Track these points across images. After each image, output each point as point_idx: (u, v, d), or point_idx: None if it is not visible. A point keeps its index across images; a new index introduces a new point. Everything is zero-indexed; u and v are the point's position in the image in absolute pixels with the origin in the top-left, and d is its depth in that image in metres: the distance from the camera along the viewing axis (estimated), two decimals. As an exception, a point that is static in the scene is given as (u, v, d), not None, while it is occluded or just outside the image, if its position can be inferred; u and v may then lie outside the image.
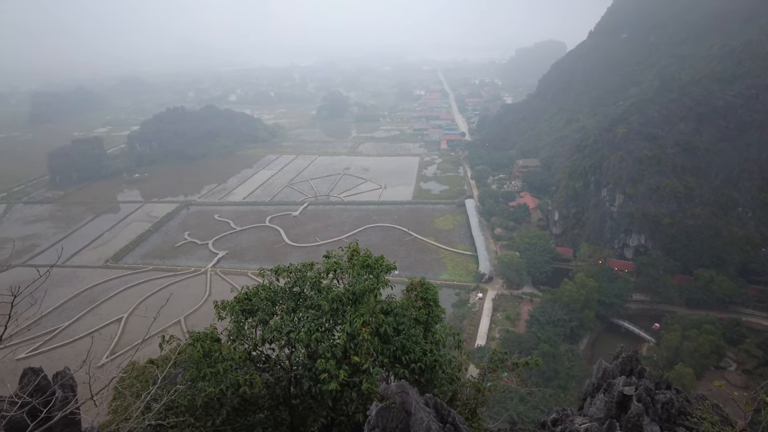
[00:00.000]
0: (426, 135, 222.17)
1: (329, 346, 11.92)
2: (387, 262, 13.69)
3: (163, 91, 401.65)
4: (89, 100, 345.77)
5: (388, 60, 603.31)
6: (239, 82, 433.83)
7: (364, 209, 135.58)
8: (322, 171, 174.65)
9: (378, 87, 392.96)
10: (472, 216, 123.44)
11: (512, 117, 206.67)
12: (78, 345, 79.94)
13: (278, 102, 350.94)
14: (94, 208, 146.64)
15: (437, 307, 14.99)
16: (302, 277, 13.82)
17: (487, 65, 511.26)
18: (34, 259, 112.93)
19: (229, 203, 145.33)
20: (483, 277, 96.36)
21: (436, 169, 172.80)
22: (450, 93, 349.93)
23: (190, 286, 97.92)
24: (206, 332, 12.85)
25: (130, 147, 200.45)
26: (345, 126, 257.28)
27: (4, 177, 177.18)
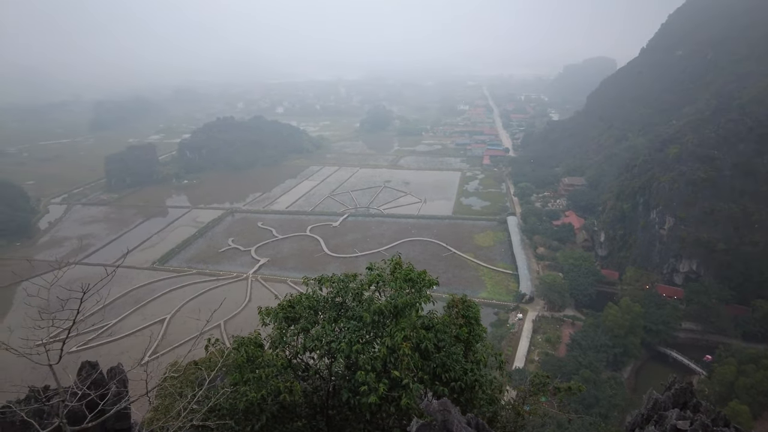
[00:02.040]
0: (468, 150, 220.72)
1: (370, 358, 11.90)
2: (429, 277, 13.62)
3: (215, 101, 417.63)
4: (145, 108, 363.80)
5: (432, 75, 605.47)
6: (287, 95, 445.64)
7: (403, 222, 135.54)
8: (363, 183, 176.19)
9: (421, 101, 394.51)
10: (514, 234, 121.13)
11: (558, 134, 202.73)
12: (123, 342, 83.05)
13: (323, 114, 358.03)
14: (144, 211, 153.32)
15: (479, 325, 14.74)
16: (345, 287, 13.93)
17: (533, 81, 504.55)
18: (88, 257, 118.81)
19: (272, 212, 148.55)
20: (523, 297, 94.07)
21: (477, 184, 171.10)
22: (494, 108, 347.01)
23: (231, 291, 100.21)
24: (250, 337, 13.11)
25: (180, 154, 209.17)
26: (387, 139, 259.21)
27: (67, 179, 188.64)
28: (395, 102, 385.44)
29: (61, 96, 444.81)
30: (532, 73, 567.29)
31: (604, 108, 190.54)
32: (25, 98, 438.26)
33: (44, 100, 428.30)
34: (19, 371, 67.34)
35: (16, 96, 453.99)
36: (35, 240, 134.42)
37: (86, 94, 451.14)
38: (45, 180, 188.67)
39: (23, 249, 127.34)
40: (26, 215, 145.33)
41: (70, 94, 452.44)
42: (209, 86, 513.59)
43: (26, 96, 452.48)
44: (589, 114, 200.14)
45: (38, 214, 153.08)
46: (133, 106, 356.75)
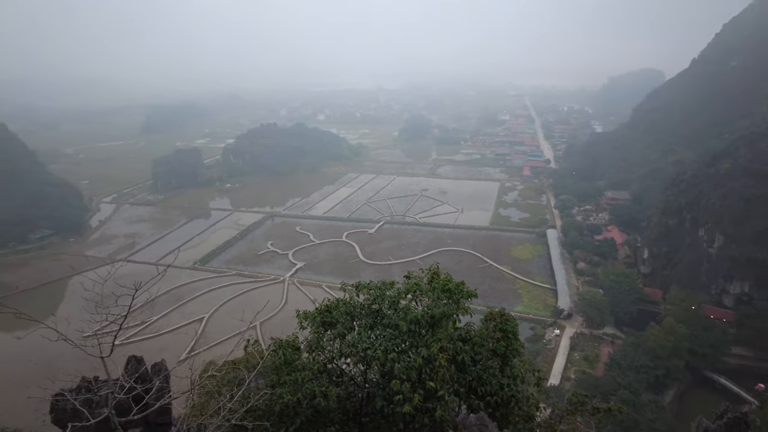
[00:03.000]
0: (508, 160, 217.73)
1: (405, 367, 11.89)
2: (468, 289, 13.52)
3: (259, 108, 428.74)
4: (193, 113, 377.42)
5: (473, 85, 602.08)
6: (328, 103, 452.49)
7: (439, 232, 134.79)
8: (399, 191, 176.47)
9: (461, 111, 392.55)
10: (553, 247, 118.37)
11: (602, 146, 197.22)
12: (163, 339, 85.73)
13: (363, 122, 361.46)
14: (188, 212, 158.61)
15: (516, 340, 14.51)
16: (381, 295, 14.00)
17: (576, 92, 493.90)
18: (134, 255, 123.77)
19: (310, 217, 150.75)
20: (561, 313, 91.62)
21: (517, 195, 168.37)
22: (536, 119, 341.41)
23: (268, 293, 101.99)
24: (288, 340, 13.36)
25: (224, 158, 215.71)
26: (425, 148, 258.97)
27: (117, 180, 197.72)
28: (435, 111, 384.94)
29: (118, 101, 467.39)
30: (576, 84, 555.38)
31: (650, 120, 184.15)
32: (85, 102, 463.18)
33: (102, 104, 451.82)
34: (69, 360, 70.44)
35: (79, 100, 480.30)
36: (87, 237, 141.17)
37: (140, 98, 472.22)
38: (98, 180, 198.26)
39: (76, 245, 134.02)
40: (80, 213, 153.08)
41: (125, 99, 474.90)
42: (254, 93, 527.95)
43: (87, 100, 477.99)
44: (635, 126, 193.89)
45: (90, 212, 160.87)
46: (182, 110, 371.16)
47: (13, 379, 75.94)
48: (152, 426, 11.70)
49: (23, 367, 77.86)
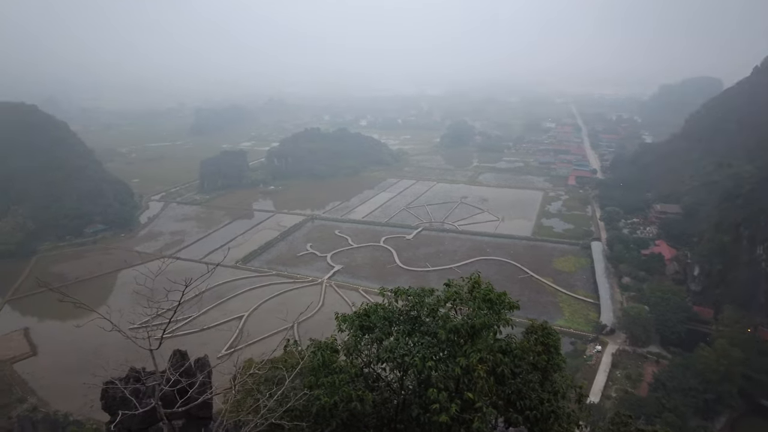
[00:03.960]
0: (553, 169, 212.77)
1: (443, 376, 11.78)
2: (510, 299, 13.26)
3: (303, 112, 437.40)
4: (240, 116, 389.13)
5: (517, 91, 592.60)
6: (370, 108, 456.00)
7: (479, 240, 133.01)
8: (439, 198, 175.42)
9: (504, 117, 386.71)
10: (597, 260, 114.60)
11: (652, 157, 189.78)
12: (204, 334, 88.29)
13: (404, 128, 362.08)
14: (232, 213, 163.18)
15: (558, 354, 14.12)
16: (420, 302, 13.92)
17: (625, 101, 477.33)
18: (179, 252, 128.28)
19: (349, 220, 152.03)
20: (604, 329, 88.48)
21: (561, 205, 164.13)
22: (583, 127, 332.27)
23: (305, 294, 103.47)
24: (327, 342, 13.49)
25: (268, 161, 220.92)
26: (467, 155, 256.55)
27: (166, 179, 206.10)
28: (477, 117, 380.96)
29: (168, 103, 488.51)
30: (625, 93, 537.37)
31: (705, 131, 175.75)
32: (139, 105, 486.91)
33: (154, 106, 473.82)
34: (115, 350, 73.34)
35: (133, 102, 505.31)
36: (136, 232, 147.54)
37: (189, 101, 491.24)
38: (148, 179, 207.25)
39: (126, 240, 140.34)
40: (131, 210, 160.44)
41: (175, 102, 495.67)
42: (299, 98, 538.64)
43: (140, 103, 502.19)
44: (688, 137, 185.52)
45: (140, 209, 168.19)
46: (229, 114, 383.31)
47: (64, 366, 79.97)
48: (194, 419, 12.06)
49: (74, 354, 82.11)
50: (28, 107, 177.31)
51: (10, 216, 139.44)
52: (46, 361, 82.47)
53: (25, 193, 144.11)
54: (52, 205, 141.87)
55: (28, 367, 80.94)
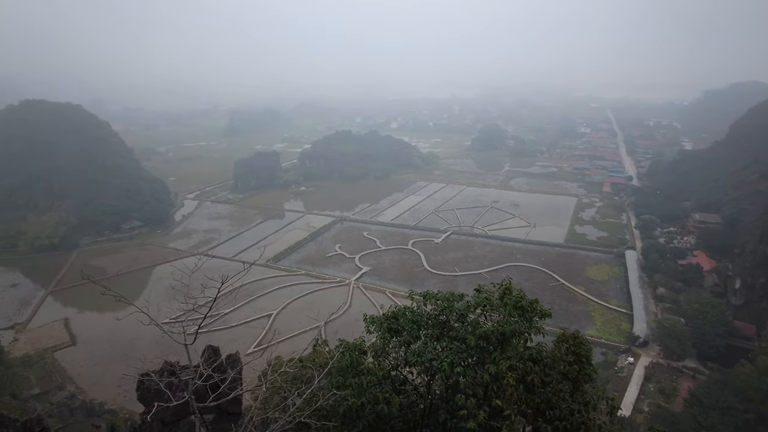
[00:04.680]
0: (587, 175, 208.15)
1: (471, 382, 11.67)
2: (542, 307, 13.03)
3: (334, 115, 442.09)
4: (273, 118, 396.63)
5: (551, 95, 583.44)
6: (401, 111, 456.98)
7: (509, 246, 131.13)
8: (469, 202, 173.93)
9: (538, 122, 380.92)
10: (631, 270, 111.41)
11: (692, 165, 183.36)
12: (233, 331, 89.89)
13: (435, 131, 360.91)
14: (263, 213, 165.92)
15: (590, 365, 13.78)
16: (450, 306, 13.83)
17: (664, 106, 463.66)
18: (212, 250, 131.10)
19: (377, 223, 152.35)
20: (637, 340, 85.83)
21: (594, 212, 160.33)
22: (619, 133, 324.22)
23: (333, 295, 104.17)
24: (355, 343, 13.56)
25: (300, 162, 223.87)
26: (498, 159, 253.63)
27: (201, 178, 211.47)
28: (510, 121, 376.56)
29: (204, 104, 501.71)
30: (663, 97, 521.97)
31: (750, 139, 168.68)
32: (176, 105, 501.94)
33: (191, 107, 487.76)
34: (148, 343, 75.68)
35: (170, 104, 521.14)
36: (171, 230, 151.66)
37: (224, 103, 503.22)
38: (183, 177, 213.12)
39: (161, 237, 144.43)
40: (167, 207, 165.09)
41: (211, 103, 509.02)
42: (331, 101, 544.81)
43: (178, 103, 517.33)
44: (731, 145, 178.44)
45: (175, 207, 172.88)
46: (263, 116, 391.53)
47: (100, 356, 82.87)
48: (224, 414, 12.32)
49: (110, 345, 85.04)
50: (74, 107, 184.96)
51: (54, 211, 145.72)
52: (83, 351, 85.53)
53: (68, 189, 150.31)
54: (92, 201, 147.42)
55: (67, 356, 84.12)
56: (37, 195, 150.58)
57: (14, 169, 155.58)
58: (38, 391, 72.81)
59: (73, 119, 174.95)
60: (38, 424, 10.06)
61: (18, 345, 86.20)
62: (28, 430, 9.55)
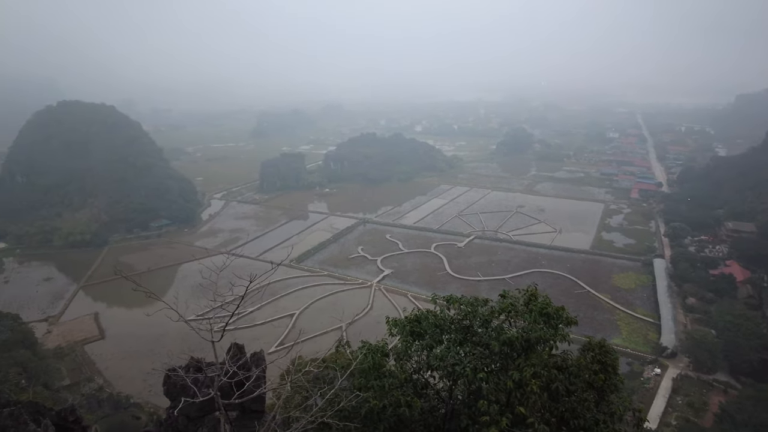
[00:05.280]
0: (615, 181, 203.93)
1: (494, 389, 11.57)
2: (568, 314, 12.84)
3: (359, 118, 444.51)
4: (299, 121, 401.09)
5: (579, 99, 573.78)
6: (426, 114, 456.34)
7: (533, 251, 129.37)
8: (493, 206, 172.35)
9: (565, 126, 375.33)
10: (659, 278, 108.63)
11: (725, 171, 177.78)
12: (257, 330, 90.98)
13: (460, 135, 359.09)
14: (288, 213, 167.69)
15: (616, 374, 13.51)
16: (474, 311, 13.75)
17: (696, 111, 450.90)
18: (237, 249, 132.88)
19: (400, 225, 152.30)
20: (664, 351, 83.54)
21: (622, 219, 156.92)
22: (648, 138, 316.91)
23: (355, 296, 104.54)
24: (377, 345, 13.58)
25: (325, 164, 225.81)
26: (524, 163, 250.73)
27: (228, 178, 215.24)
28: (537, 125, 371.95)
29: (233, 106, 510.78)
30: (695, 102, 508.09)
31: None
32: (206, 107, 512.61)
33: (219, 109, 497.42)
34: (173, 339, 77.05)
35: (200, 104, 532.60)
36: (197, 228, 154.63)
37: (253, 105, 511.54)
38: (211, 177, 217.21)
39: (188, 235, 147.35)
40: (194, 207, 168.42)
41: (239, 105, 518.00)
42: (355, 104, 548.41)
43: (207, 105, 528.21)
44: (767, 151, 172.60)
45: (202, 206, 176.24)
46: (289, 118, 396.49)
47: (127, 351, 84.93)
48: (247, 411, 12.49)
49: (136, 340, 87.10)
50: (107, 108, 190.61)
51: (87, 208, 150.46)
52: (111, 345, 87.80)
53: (100, 188, 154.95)
54: (123, 199, 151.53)
55: (96, 349, 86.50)
56: (72, 193, 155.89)
57: (51, 167, 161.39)
58: (69, 382, 75.08)
59: (106, 120, 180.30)
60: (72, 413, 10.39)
61: (51, 337, 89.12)
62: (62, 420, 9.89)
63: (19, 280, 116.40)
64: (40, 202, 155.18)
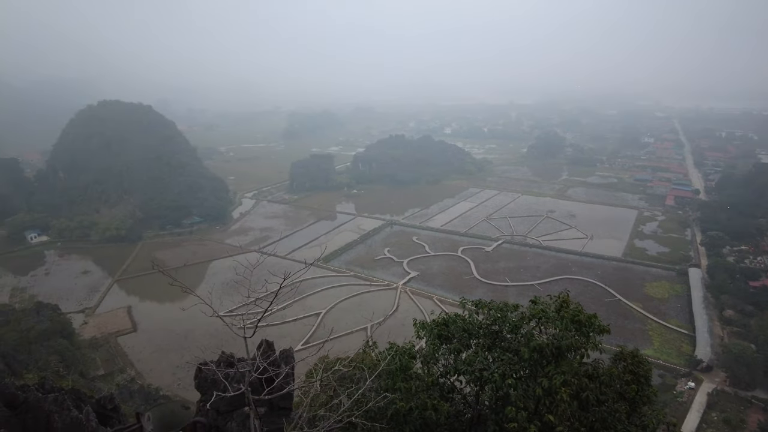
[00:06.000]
0: (649, 187, 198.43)
1: (523, 395, 11.42)
2: (600, 323, 12.57)
3: (388, 120, 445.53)
4: (330, 122, 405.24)
5: (614, 104, 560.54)
6: (456, 117, 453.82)
7: (563, 258, 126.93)
8: (523, 210, 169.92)
9: (599, 130, 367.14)
10: (695, 288, 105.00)
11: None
12: (283, 327, 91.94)
13: (490, 138, 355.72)
14: (316, 213, 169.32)
15: (649, 386, 13.17)
16: (503, 317, 13.60)
17: (739, 117, 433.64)
18: (266, 247, 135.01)
19: (427, 228, 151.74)
20: (699, 364, 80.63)
21: (656, 226, 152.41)
22: (686, 144, 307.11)
23: (380, 297, 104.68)
24: (405, 347, 13.58)
25: (353, 165, 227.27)
26: (556, 167, 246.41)
27: (259, 178, 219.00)
28: (569, 129, 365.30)
29: (265, 107, 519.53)
30: (738, 107, 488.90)
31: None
32: (238, 107, 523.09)
33: (252, 109, 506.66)
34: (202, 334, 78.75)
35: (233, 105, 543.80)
36: (228, 226, 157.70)
37: (284, 105, 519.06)
38: (242, 177, 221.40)
39: (219, 233, 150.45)
40: (225, 205, 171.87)
41: (271, 105, 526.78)
42: (385, 106, 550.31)
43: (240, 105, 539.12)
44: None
45: (234, 205, 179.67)
46: (320, 119, 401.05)
47: (158, 344, 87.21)
48: (274, 408, 12.66)
49: (167, 334, 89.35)
50: (144, 107, 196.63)
51: (123, 204, 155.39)
52: (143, 338, 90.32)
53: (136, 185, 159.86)
54: (157, 196, 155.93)
55: (129, 341, 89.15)
56: (109, 189, 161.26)
57: (91, 164, 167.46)
58: (103, 372, 77.64)
59: (143, 119, 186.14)
60: (110, 402, 10.78)
61: (87, 328, 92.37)
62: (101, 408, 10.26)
63: (59, 272, 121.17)
64: (79, 197, 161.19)
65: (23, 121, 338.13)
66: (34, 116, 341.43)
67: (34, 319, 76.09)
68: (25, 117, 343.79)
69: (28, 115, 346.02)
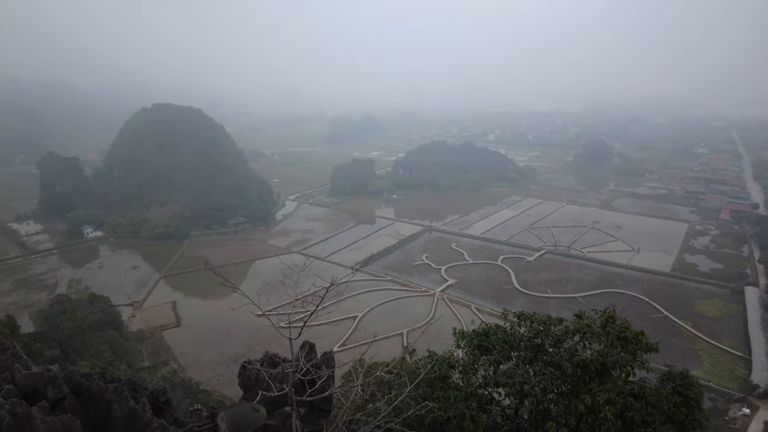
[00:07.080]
0: (702, 200, 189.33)
1: (564, 411, 11.18)
2: (648, 340, 12.15)
3: (430, 125, 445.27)
4: (372, 127, 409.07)
5: (666, 112, 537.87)
6: (499, 123, 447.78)
7: (608, 270, 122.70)
8: (567, 220, 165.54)
9: (648, 140, 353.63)
10: (752, 308, 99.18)
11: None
12: (321, 329, 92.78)
13: (534, 145, 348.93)
14: (356, 217, 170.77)
15: (700, 410, 12.61)
16: (546, 330, 13.36)
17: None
18: (306, 250, 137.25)
19: (466, 235, 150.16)
20: (755, 389, 75.98)
21: (709, 241, 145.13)
22: (744, 155, 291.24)
23: (417, 303, 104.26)
24: (444, 356, 13.56)
25: (394, 171, 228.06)
26: (602, 177, 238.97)
27: (302, 181, 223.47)
28: (617, 138, 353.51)
29: (309, 111, 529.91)
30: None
31: None
32: (284, 112, 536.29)
33: (297, 114, 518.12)
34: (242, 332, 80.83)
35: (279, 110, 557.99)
36: (272, 228, 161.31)
37: (328, 110, 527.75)
38: (286, 179, 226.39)
39: (262, 234, 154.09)
40: (269, 207, 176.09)
41: (315, 110, 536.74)
42: (427, 112, 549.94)
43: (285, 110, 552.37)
44: None
45: (277, 206, 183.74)
46: (362, 124, 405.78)
47: (200, 340, 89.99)
48: (314, 410, 12.91)
49: (209, 331, 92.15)
50: (195, 110, 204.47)
51: (172, 203, 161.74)
52: (186, 333, 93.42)
53: (184, 185, 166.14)
54: (204, 196, 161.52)
55: (173, 336, 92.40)
56: (160, 188, 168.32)
57: (144, 164, 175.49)
58: (148, 364, 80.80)
59: (193, 122, 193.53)
60: (163, 395, 11.29)
61: (134, 321, 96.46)
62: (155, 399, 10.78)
63: (111, 267, 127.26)
64: (132, 195, 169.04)
65: (85, 121, 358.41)
66: (93, 117, 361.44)
67: (87, 309, 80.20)
68: (87, 118, 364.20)
69: (88, 116, 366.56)
